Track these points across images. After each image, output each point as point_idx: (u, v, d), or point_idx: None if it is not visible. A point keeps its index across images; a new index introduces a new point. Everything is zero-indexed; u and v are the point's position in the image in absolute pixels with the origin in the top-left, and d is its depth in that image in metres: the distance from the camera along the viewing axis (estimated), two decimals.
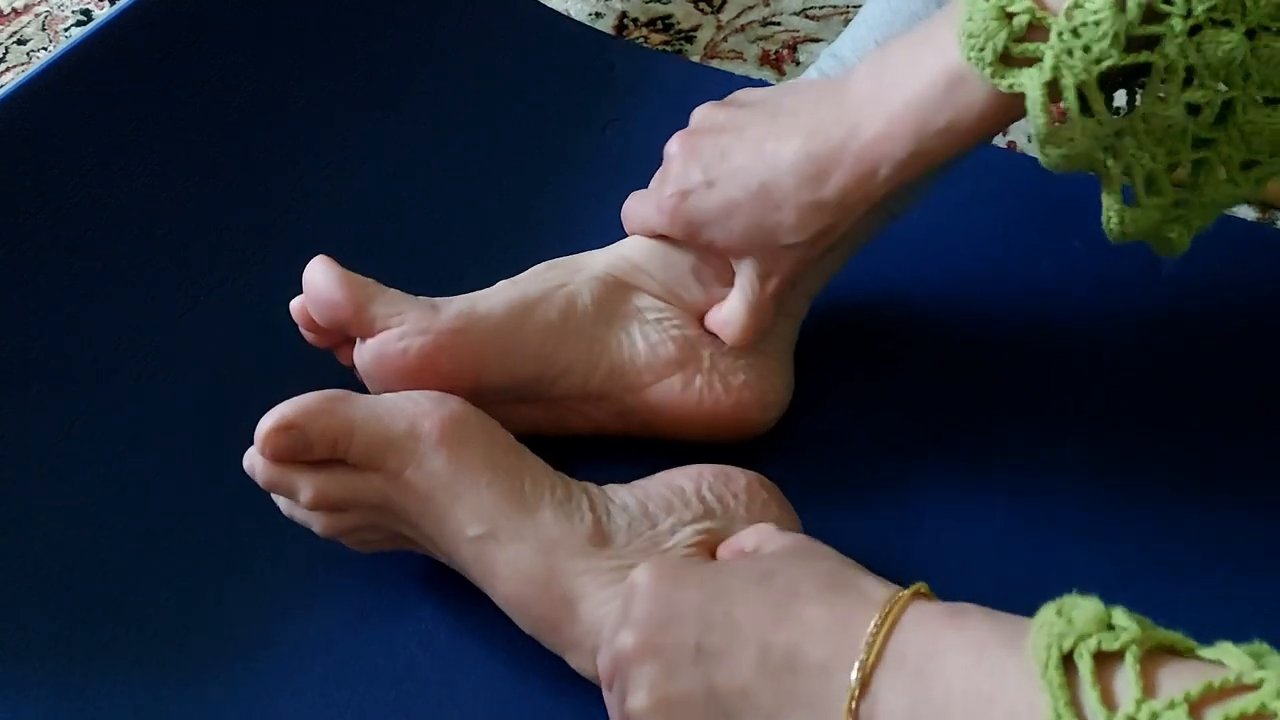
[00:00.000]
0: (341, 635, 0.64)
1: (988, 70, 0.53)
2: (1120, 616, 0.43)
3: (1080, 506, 0.68)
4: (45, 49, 1.30)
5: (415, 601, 0.65)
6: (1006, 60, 0.53)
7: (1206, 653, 0.42)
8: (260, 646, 0.64)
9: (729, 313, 0.67)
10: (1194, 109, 0.52)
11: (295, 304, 0.66)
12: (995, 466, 0.69)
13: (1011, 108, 0.54)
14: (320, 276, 0.65)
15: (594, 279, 0.68)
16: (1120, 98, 0.53)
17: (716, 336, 0.68)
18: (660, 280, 0.68)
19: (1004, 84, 0.53)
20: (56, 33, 1.32)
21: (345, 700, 0.62)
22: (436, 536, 0.61)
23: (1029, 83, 0.53)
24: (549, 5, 0.99)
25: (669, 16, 1.26)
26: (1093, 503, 0.68)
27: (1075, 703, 0.41)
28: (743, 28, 1.24)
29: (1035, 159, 0.56)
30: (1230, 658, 0.41)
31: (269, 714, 0.61)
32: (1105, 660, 0.42)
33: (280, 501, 0.63)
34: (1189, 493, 0.68)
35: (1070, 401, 0.72)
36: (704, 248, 0.66)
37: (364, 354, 0.65)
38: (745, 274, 0.66)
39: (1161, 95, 0.52)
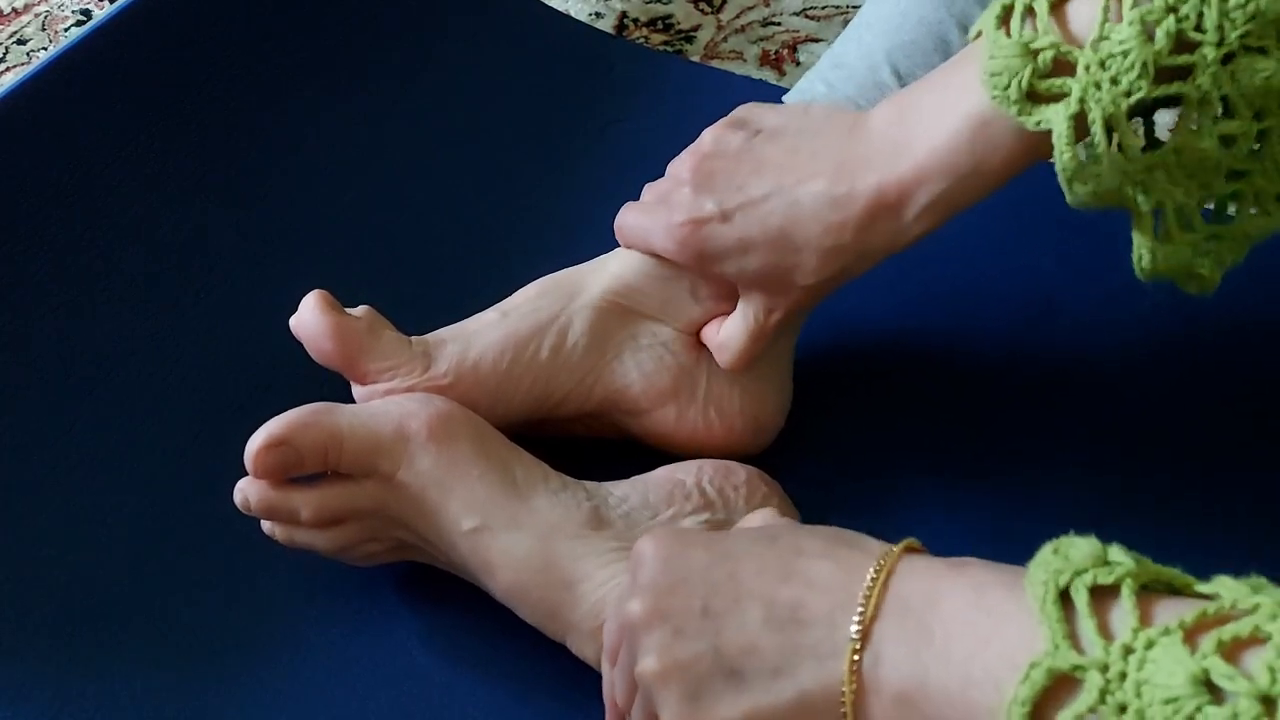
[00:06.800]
0: (341, 635, 0.64)
1: (1014, 109, 0.52)
2: (1116, 553, 0.43)
3: (1080, 515, 0.66)
4: (45, 49, 1.30)
5: (415, 602, 0.65)
6: (1033, 97, 0.52)
7: (1203, 587, 0.43)
8: (260, 646, 0.64)
9: (727, 337, 0.65)
10: (1227, 140, 0.51)
11: (294, 326, 0.66)
12: (994, 471, 0.69)
13: (1039, 147, 0.53)
14: (311, 322, 0.64)
15: (588, 308, 0.66)
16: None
17: (713, 357, 0.67)
18: (658, 299, 0.67)
19: (1030, 122, 0.52)
20: (56, 33, 1.32)
21: (345, 700, 0.62)
22: (433, 535, 0.61)
23: (1055, 118, 0.51)
24: (549, 5, 0.99)
25: (669, 16, 1.26)
26: (1093, 511, 0.67)
27: (1073, 635, 0.41)
28: (743, 28, 1.24)
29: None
30: (1225, 589, 0.41)
31: (269, 714, 0.61)
32: (1102, 594, 0.42)
33: (277, 532, 0.62)
34: (1192, 501, 0.67)
35: (1071, 409, 0.71)
36: (711, 277, 0.65)
37: (358, 396, 0.65)
38: (751, 304, 0.64)
39: (1194, 128, 0.50)
